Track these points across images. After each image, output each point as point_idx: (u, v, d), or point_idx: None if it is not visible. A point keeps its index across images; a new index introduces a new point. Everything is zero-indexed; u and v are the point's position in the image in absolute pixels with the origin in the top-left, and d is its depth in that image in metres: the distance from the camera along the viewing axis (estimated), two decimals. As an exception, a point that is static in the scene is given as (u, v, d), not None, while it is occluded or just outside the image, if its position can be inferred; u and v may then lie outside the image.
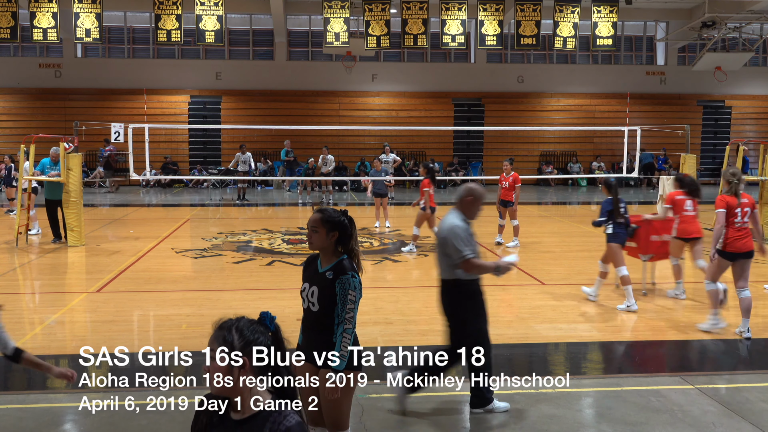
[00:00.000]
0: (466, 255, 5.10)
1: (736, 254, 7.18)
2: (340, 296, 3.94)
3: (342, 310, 3.93)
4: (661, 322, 7.87)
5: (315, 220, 4.05)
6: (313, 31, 28.26)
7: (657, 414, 5.34)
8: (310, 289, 4.02)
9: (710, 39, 24.79)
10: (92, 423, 5.11)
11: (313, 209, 4.25)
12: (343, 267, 4.00)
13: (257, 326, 2.39)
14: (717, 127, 29.99)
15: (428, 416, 5.31)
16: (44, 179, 13.14)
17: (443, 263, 5.28)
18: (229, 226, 16.13)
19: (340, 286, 3.95)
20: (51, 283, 10.31)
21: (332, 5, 21.74)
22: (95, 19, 20.96)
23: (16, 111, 27.40)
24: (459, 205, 5.36)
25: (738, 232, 7.16)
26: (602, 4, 22.28)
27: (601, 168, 27.69)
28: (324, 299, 3.97)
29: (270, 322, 2.42)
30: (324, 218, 4.03)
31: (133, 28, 28.26)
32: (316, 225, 4.04)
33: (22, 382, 6.34)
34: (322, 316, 3.98)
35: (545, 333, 7.55)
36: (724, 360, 7.04)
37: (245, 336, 2.35)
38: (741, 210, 7.18)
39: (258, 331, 2.38)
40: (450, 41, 22.18)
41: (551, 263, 11.32)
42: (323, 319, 3.98)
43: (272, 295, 9.23)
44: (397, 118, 28.12)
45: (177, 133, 28.14)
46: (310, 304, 4.01)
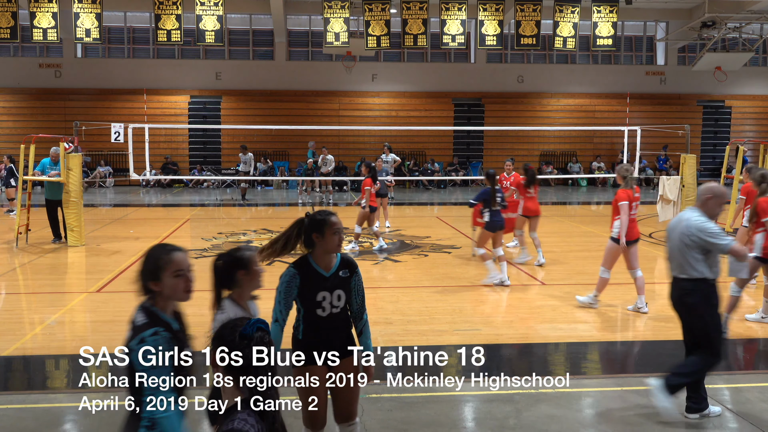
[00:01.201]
0: (730, 243, 5.14)
1: (630, 241, 8.10)
2: (358, 288, 4.08)
3: (363, 300, 4.12)
4: (661, 321, 7.87)
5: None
6: (313, 31, 28.26)
7: (657, 414, 5.33)
8: (332, 296, 4.00)
9: (710, 39, 24.79)
10: (92, 423, 5.11)
11: (313, 209, 4.26)
12: (350, 261, 4.11)
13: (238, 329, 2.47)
14: (717, 127, 29.99)
15: (428, 416, 5.31)
16: (44, 179, 13.13)
17: (689, 261, 5.17)
18: (229, 226, 16.13)
19: (357, 278, 4.08)
20: (51, 283, 10.31)
21: (332, 5, 21.74)
22: (95, 19, 20.97)
23: (16, 111, 27.40)
24: (699, 204, 5.31)
25: (632, 222, 8.16)
26: (602, 4, 22.28)
27: (601, 168, 27.68)
28: (347, 297, 4.06)
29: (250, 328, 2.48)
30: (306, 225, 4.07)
31: (133, 28, 28.26)
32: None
33: (22, 382, 6.34)
34: (345, 313, 4.08)
35: (545, 333, 7.55)
36: (725, 360, 7.04)
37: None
38: (636, 203, 8.23)
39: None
40: (450, 41, 22.19)
41: (551, 263, 11.31)
42: (345, 315, 4.09)
43: (272, 295, 9.21)
44: (397, 118, 28.12)
45: (177, 133, 28.13)
46: (332, 309, 4.02)
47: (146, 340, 2.74)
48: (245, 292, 3.60)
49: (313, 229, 4.00)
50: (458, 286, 9.78)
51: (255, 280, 3.61)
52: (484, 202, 9.56)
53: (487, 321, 7.98)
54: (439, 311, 8.35)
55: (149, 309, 2.89)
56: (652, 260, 11.55)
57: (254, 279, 3.60)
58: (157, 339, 2.74)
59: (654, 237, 13.91)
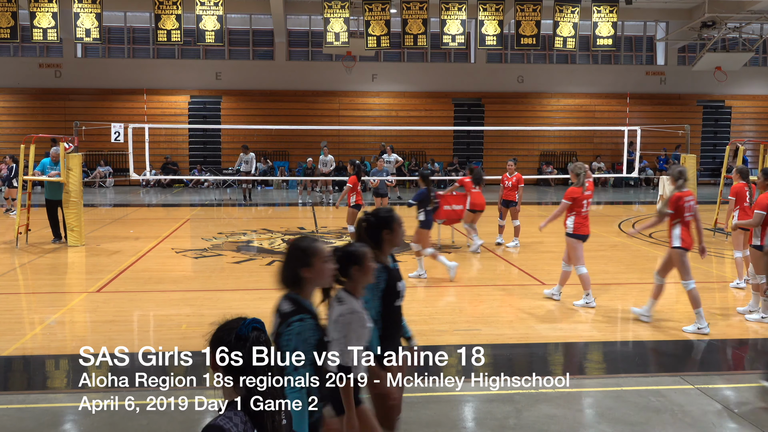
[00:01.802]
0: None
1: (582, 236, 8.52)
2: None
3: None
4: (661, 321, 7.87)
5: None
6: (313, 31, 28.26)
7: (657, 414, 5.34)
8: (402, 285, 4.14)
9: (710, 39, 24.79)
10: (92, 423, 5.11)
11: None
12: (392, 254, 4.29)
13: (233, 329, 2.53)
14: (717, 127, 29.99)
15: (428, 416, 5.31)
16: (44, 179, 13.13)
17: None
18: (229, 226, 16.13)
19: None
20: (51, 283, 10.31)
21: (332, 5, 21.74)
22: (95, 19, 20.97)
23: (16, 111, 27.41)
24: None
25: (585, 219, 8.51)
26: (602, 4, 22.28)
27: (602, 168, 27.69)
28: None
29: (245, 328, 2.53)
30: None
31: (133, 28, 28.27)
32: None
33: (22, 382, 6.34)
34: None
35: (545, 333, 7.55)
36: (724, 360, 7.05)
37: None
38: (587, 201, 8.55)
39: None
40: (450, 41, 22.19)
41: (551, 263, 11.31)
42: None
43: (272, 295, 9.19)
44: (397, 118, 28.12)
45: (177, 133, 28.14)
46: (400, 299, 4.13)
47: (293, 325, 3.07)
48: (359, 286, 3.69)
49: (382, 227, 4.10)
50: (458, 286, 9.78)
51: (368, 275, 3.73)
52: (420, 202, 10.08)
53: (487, 321, 7.98)
54: (439, 311, 8.35)
55: (295, 298, 3.22)
56: (652, 260, 11.55)
57: (367, 274, 3.71)
58: (303, 324, 3.08)
59: (654, 237, 13.91)
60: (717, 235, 14.29)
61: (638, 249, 12.90)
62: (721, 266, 11.55)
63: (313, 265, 3.24)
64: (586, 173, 8.65)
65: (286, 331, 3.07)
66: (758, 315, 7.94)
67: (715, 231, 14.58)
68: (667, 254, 7.69)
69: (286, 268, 3.29)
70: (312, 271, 3.24)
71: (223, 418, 2.36)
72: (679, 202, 7.54)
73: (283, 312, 3.17)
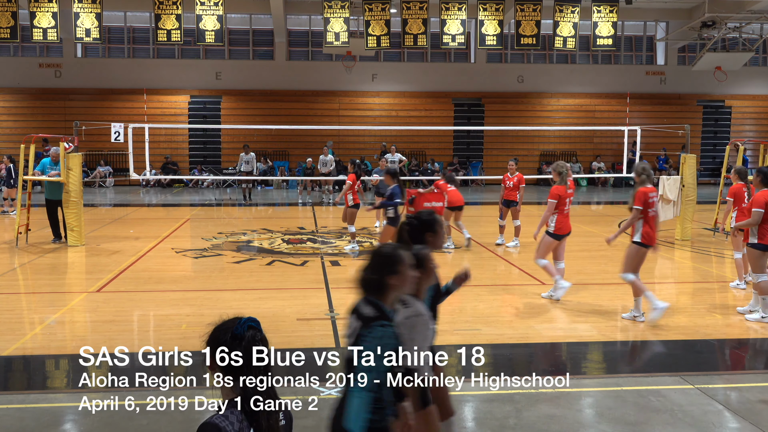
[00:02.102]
0: None
1: (563, 235, 8.72)
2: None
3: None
4: (661, 321, 7.87)
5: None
6: (313, 31, 28.26)
7: (657, 414, 5.34)
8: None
9: (710, 39, 24.79)
10: (92, 423, 5.11)
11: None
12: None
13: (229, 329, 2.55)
14: (717, 127, 29.98)
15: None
16: (44, 179, 13.14)
17: None
18: (229, 225, 16.13)
19: None
20: (51, 283, 10.31)
21: (332, 5, 21.74)
22: (95, 19, 20.97)
23: (16, 111, 27.41)
24: None
25: (566, 218, 8.70)
26: (602, 4, 22.29)
27: (601, 168, 27.69)
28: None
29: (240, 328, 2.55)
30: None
31: (133, 28, 28.27)
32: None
33: (22, 382, 6.34)
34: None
35: (545, 333, 7.55)
36: (724, 360, 7.05)
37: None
38: (569, 200, 8.73)
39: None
40: (450, 41, 22.19)
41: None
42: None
43: (272, 295, 9.23)
44: (397, 118, 28.12)
45: (177, 133, 28.14)
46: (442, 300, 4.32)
47: (376, 330, 3.08)
48: (422, 288, 3.74)
49: (425, 229, 4.19)
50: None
51: (430, 276, 3.81)
52: (389, 196, 10.48)
53: (487, 321, 7.98)
54: (439, 311, 8.33)
55: (377, 303, 3.20)
56: (651, 260, 11.54)
57: (430, 275, 3.80)
58: (385, 330, 3.09)
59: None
60: (717, 235, 14.29)
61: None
62: (721, 266, 11.55)
63: (400, 272, 3.25)
64: (568, 172, 8.81)
65: (369, 336, 3.08)
66: (758, 315, 7.94)
67: (715, 231, 14.58)
68: (627, 250, 7.86)
69: (371, 274, 3.27)
70: (398, 279, 3.25)
71: (218, 417, 2.37)
72: (646, 198, 7.65)
73: (366, 316, 3.16)
